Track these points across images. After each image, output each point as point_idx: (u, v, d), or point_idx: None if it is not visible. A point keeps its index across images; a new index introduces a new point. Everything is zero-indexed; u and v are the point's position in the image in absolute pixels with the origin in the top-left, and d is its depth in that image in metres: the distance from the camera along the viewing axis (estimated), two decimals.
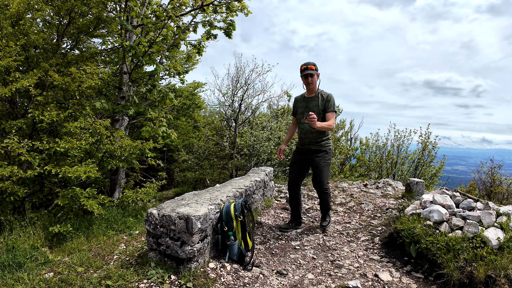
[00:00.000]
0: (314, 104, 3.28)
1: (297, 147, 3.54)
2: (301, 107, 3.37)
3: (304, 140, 3.38)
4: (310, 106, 3.29)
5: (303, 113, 3.24)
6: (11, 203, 4.05)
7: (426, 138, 8.76)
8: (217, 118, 12.58)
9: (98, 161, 4.42)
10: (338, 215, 4.16)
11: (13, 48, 4.51)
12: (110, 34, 7.03)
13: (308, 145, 3.36)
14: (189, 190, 11.41)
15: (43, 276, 2.29)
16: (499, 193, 5.33)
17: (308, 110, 3.27)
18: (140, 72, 6.12)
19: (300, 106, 3.40)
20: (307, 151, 3.38)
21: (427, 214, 2.87)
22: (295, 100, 3.51)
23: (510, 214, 2.66)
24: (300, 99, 3.44)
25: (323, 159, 3.31)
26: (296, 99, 3.51)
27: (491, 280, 2.10)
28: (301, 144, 3.45)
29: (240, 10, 6.17)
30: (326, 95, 3.26)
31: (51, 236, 3.28)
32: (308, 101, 3.33)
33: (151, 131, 5.18)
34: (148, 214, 2.45)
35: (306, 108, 3.31)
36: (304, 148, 3.41)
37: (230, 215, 2.52)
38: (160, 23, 4.93)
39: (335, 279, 2.41)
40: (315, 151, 3.33)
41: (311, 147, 3.35)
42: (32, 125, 4.68)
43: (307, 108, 3.31)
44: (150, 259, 2.45)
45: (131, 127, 7.48)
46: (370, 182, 5.84)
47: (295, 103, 3.50)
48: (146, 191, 4.74)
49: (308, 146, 3.36)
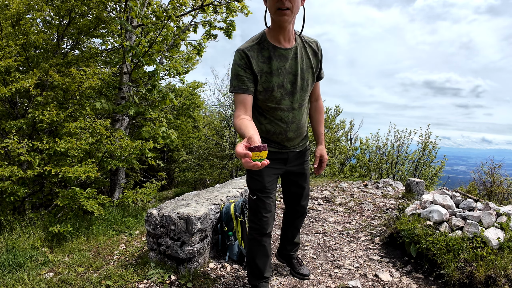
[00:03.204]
0: (303, 63, 1.63)
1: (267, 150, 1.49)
2: (277, 71, 1.57)
3: (290, 142, 1.78)
4: (296, 72, 1.61)
5: (284, 85, 1.59)
6: (11, 203, 4.04)
7: (426, 138, 8.77)
8: (217, 119, 12.58)
9: (98, 161, 4.42)
10: (338, 215, 4.16)
11: (13, 48, 4.51)
12: (110, 34, 7.03)
13: (294, 146, 1.83)
14: (189, 190, 11.41)
15: (43, 276, 2.29)
16: (499, 193, 5.33)
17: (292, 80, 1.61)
18: (140, 72, 6.13)
19: (273, 71, 1.56)
20: (290, 156, 1.84)
21: (427, 214, 2.87)
22: (249, 57, 1.53)
23: (510, 214, 2.66)
24: (266, 54, 1.56)
25: (307, 164, 1.97)
26: (250, 55, 1.53)
27: (491, 280, 2.10)
28: (278, 144, 1.78)
29: (240, 10, 6.17)
30: (314, 44, 1.68)
31: (51, 236, 3.28)
32: (290, 59, 1.59)
33: (151, 131, 5.18)
34: (148, 214, 2.45)
35: (288, 76, 1.60)
36: (285, 150, 1.80)
37: (230, 215, 2.52)
38: (160, 23, 4.94)
39: (335, 279, 2.41)
40: (299, 151, 1.87)
41: (297, 149, 1.85)
42: (32, 125, 4.68)
43: (290, 75, 1.60)
44: (150, 259, 2.45)
45: (131, 128, 7.47)
46: (370, 182, 5.84)
47: (253, 62, 1.54)
48: (146, 191, 4.73)
49: (293, 147, 1.83)
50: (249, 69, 1.54)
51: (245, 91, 1.52)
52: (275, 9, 1.42)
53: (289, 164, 1.87)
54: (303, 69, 1.63)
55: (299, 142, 1.85)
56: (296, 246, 2.34)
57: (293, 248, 2.33)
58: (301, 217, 2.14)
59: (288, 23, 1.48)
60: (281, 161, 1.83)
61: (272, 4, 1.41)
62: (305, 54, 1.64)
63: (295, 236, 2.26)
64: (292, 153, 1.85)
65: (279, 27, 1.50)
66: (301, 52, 1.62)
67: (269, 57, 1.56)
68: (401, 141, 9.12)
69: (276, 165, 1.80)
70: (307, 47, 1.65)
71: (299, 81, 1.63)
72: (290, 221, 2.18)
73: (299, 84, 1.63)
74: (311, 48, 1.66)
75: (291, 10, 1.42)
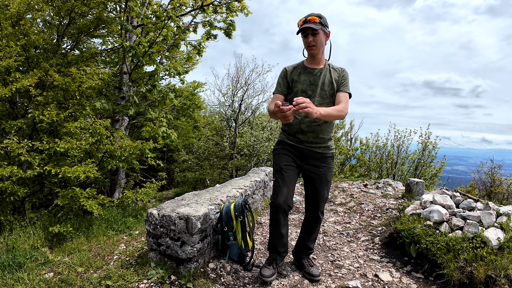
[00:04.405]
0: (325, 80, 2.18)
1: (285, 141, 2.31)
2: (303, 81, 2.20)
3: (304, 135, 2.23)
4: (317, 83, 2.17)
5: (306, 91, 2.18)
6: (11, 203, 4.04)
7: (427, 138, 8.78)
8: (217, 119, 12.58)
9: (98, 161, 4.42)
10: (338, 215, 4.16)
11: (13, 48, 4.51)
12: (110, 34, 7.04)
13: (310, 144, 2.24)
14: (189, 190, 11.41)
15: (43, 276, 2.29)
16: (499, 193, 5.32)
17: (314, 88, 2.17)
18: (140, 72, 6.13)
19: (300, 81, 2.20)
20: (306, 152, 2.25)
21: (427, 214, 2.87)
22: (287, 72, 2.27)
23: (510, 214, 2.66)
24: (299, 70, 2.24)
25: (329, 169, 2.28)
26: (288, 70, 2.27)
27: (491, 280, 2.10)
28: (296, 139, 2.27)
29: (240, 10, 6.18)
30: (340, 69, 2.23)
31: (51, 236, 3.28)
32: (315, 74, 2.19)
33: (151, 131, 5.18)
34: (148, 214, 2.45)
35: (311, 86, 2.18)
36: (301, 146, 2.26)
37: (230, 215, 2.52)
38: (160, 23, 4.94)
39: (335, 279, 2.41)
40: (318, 154, 2.25)
41: (313, 147, 2.24)
42: (32, 126, 4.68)
43: (313, 85, 2.18)
44: (150, 259, 2.45)
45: (131, 128, 7.48)
46: (370, 182, 5.84)
47: (288, 74, 2.26)
48: (146, 191, 4.73)
49: (309, 144, 2.24)
50: (285, 78, 2.28)
51: (279, 92, 2.28)
52: (306, 46, 2.16)
53: (305, 160, 2.27)
54: (324, 83, 2.20)
55: (317, 143, 2.25)
56: (307, 250, 2.49)
57: (303, 250, 2.50)
58: (314, 221, 2.39)
59: (315, 54, 2.17)
60: (296, 154, 2.28)
61: (305, 43, 2.16)
62: (328, 74, 2.22)
63: (305, 239, 2.46)
64: (308, 150, 2.26)
65: (310, 56, 2.23)
66: (325, 73, 2.22)
67: (299, 73, 2.25)
68: (401, 141, 9.13)
69: (291, 154, 2.28)
70: (332, 71, 2.23)
71: (319, 90, 2.19)
72: (304, 223, 2.47)
73: (318, 92, 2.19)
74: (336, 72, 2.24)
75: (316, 45, 2.12)
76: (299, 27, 2.10)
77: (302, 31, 2.09)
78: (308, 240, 2.45)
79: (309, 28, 2.05)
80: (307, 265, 2.44)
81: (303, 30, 2.08)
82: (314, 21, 2.04)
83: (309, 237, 2.44)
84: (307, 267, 2.43)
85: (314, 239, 2.48)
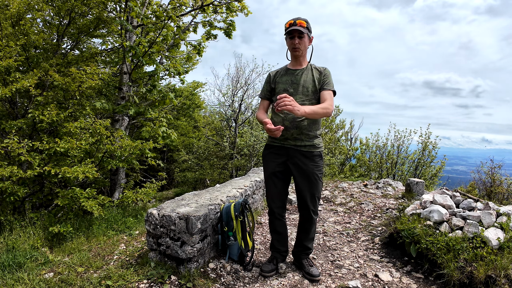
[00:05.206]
0: (307, 79, 2.24)
1: (271, 145, 2.33)
2: (284, 82, 2.27)
3: (287, 132, 2.22)
4: (299, 82, 2.23)
5: (287, 89, 2.25)
6: (11, 203, 4.04)
7: (427, 138, 8.78)
8: (217, 119, 12.58)
9: (98, 161, 4.42)
10: (338, 215, 4.16)
11: (13, 48, 4.51)
12: (110, 34, 7.04)
13: (294, 141, 2.23)
14: (189, 190, 11.41)
15: (43, 276, 2.29)
16: (499, 193, 5.32)
17: (295, 87, 2.23)
18: (140, 72, 6.13)
19: (282, 82, 2.28)
20: (292, 152, 2.24)
21: (427, 214, 2.87)
22: (270, 76, 2.38)
23: (510, 214, 2.66)
24: (281, 73, 2.33)
25: (317, 167, 2.25)
26: (271, 75, 2.38)
27: (491, 280, 2.10)
28: (280, 137, 2.24)
29: (240, 10, 6.18)
30: (321, 68, 2.28)
31: (51, 236, 3.28)
32: (296, 75, 2.26)
33: (151, 131, 5.18)
34: (148, 214, 2.45)
35: (293, 84, 2.24)
36: (286, 145, 2.25)
37: (230, 215, 2.52)
38: (160, 23, 4.94)
39: (335, 279, 2.41)
40: (303, 152, 2.23)
41: (298, 146, 2.23)
42: (32, 125, 4.68)
43: (294, 84, 2.24)
44: (150, 259, 2.45)
45: (131, 128, 7.48)
46: (370, 182, 5.84)
47: (272, 78, 2.36)
48: (146, 191, 4.73)
49: (294, 142, 2.23)
50: (268, 83, 2.39)
51: (263, 96, 2.42)
52: (291, 48, 2.23)
53: (291, 160, 2.27)
54: (306, 81, 2.26)
55: (302, 140, 2.24)
56: (305, 250, 2.49)
57: (302, 250, 2.50)
58: (306, 221, 2.38)
59: (299, 56, 2.25)
60: (283, 155, 2.29)
61: (290, 44, 2.23)
62: (310, 73, 2.28)
63: (302, 239, 2.47)
64: (294, 150, 2.25)
65: (293, 58, 2.31)
66: (307, 72, 2.29)
67: (282, 75, 2.35)
68: (401, 141, 9.13)
69: (279, 158, 2.30)
70: (314, 70, 2.29)
71: (301, 88, 2.25)
72: (298, 223, 2.48)
73: (300, 90, 2.24)
74: (317, 71, 2.30)
75: (301, 48, 2.20)
76: (287, 29, 2.19)
77: (290, 33, 2.18)
78: (305, 240, 2.45)
79: (297, 30, 2.14)
80: (307, 265, 2.44)
81: (290, 32, 2.17)
82: (301, 24, 2.14)
83: (306, 237, 2.44)
84: (307, 267, 2.43)
85: (312, 239, 2.47)
